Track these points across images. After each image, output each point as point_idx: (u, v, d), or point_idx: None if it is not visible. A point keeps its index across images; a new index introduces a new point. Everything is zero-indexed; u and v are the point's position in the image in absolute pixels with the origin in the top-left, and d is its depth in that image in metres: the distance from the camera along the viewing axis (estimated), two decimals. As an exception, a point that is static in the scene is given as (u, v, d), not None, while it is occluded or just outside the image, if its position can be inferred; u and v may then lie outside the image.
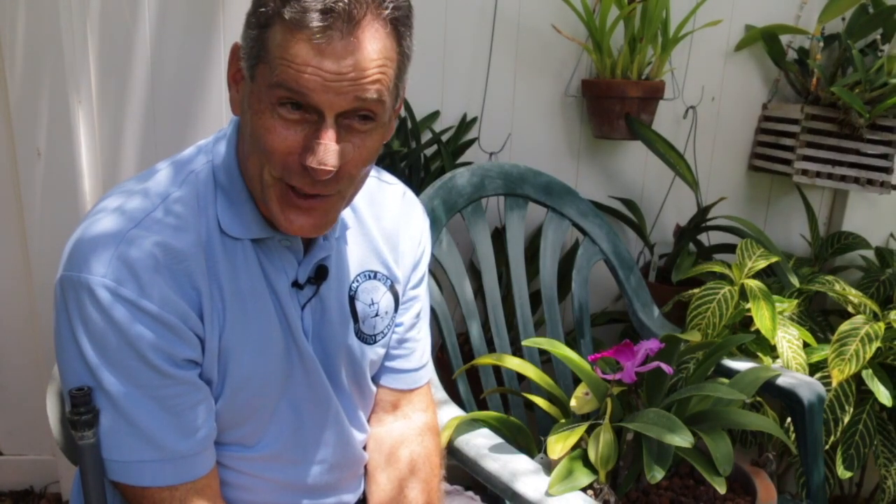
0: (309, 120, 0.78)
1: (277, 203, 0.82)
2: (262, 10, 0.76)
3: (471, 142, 1.78)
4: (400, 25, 0.78)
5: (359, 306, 0.98)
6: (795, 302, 1.60)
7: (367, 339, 1.00)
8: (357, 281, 0.99)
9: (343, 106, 0.76)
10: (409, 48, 0.82)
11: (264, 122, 0.78)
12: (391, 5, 0.76)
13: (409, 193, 1.09)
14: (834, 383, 1.48)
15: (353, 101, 0.76)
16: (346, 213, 0.98)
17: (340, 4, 0.73)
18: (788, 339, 1.47)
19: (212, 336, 0.85)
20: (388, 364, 1.06)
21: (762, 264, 1.51)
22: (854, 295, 1.61)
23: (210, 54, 1.69)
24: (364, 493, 1.07)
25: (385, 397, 1.07)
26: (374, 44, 0.76)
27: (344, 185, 0.83)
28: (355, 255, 0.99)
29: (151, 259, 0.80)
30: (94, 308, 0.78)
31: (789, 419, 1.49)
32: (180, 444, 0.83)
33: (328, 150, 0.77)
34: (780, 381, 1.37)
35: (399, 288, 1.04)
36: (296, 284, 0.91)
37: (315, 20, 0.73)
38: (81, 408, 0.79)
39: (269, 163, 0.80)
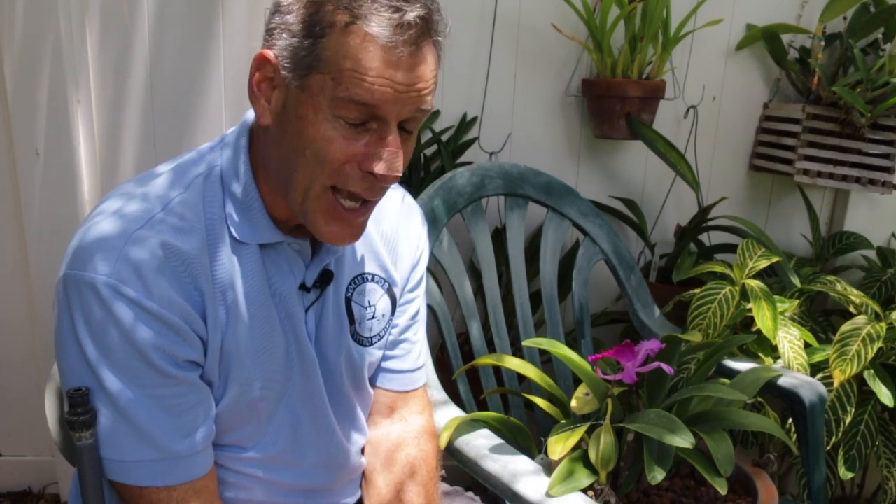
0: (369, 129, 0.79)
1: (323, 215, 0.83)
2: (321, 19, 0.76)
3: (471, 141, 1.78)
4: (441, 51, 0.84)
5: (355, 308, 0.98)
6: (797, 302, 1.60)
7: (364, 340, 1.00)
8: (354, 283, 0.98)
9: (404, 115, 0.80)
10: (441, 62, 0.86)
11: (323, 133, 0.78)
12: (444, 26, 0.82)
13: (409, 197, 1.09)
14: (835, 384, 1.47)
15: (413, 111, 0.80)
16: None
17: (416, 19, 0.76)
18: (790, 340, 1.47)
19: (214, 338, 0.85)
20: (384, 365, 1.06)
21: (763, 264, 1.50)
22: (855, 295, 1.60)
23: (209, 54, 1.69)
24: (362, 497, 1.06)
25: (381, 399, 1.07)
26: (431, 58, 0.81)
27: (386, 191, 0.86)
28: (353, 258, 0.99)
29: (155, 259, 0.80)
30: (98, 306, 0.78)
31: (790, 420, 1.49)
32: (179, 444, 0.83)
33: (398, 157, 0.80)
34: (782, 381, 1.37)
35: (396, 291, 1.04)
36: (303, 287, 0.91)
37: (392, 34, 0.75)
38: (79, 408, 0.79)
39: (325, 172, 0.80)
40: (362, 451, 1.06)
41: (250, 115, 0.90)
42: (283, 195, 0.85)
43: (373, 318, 1.00)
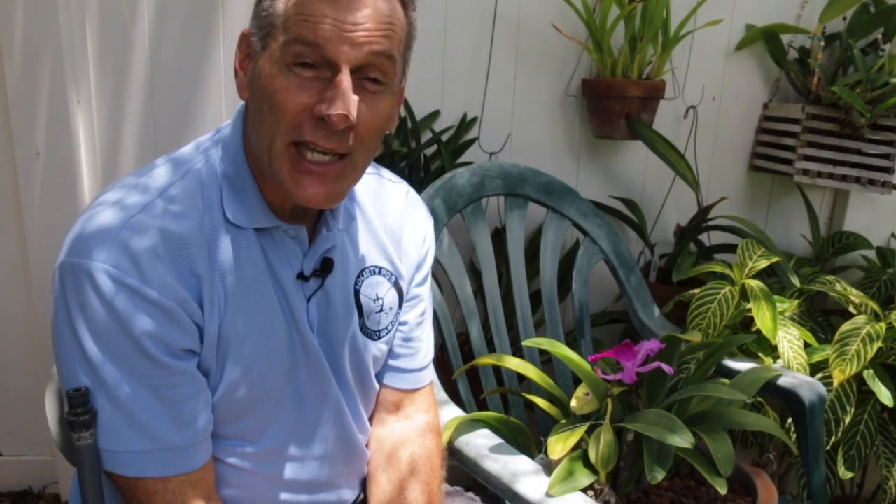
0: (323, 77, 0.79)
1: (289, 171, 0.82)
2: None
3: (471, 141, 1.78)
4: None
5: (363, 301, 0.98)
6: (796, 302, 1.60)
7: (372, 334, 1.00)
8: (362, 276, 0.99)
9: (358, 59, 0.79)
10: (414, 24, 0.86)
11: (278, 84, 0.79)
12: None
13: (413, 192, 1.10)
14: (835, 384, 1.47)
15: (367, 55, 0.79)
16: (351, 207, 0.98)
17: None
18: (789, 340, 1.47)
19: (211, 324, 0.84)
20: (392, 363, 1.06)
21: (763, 264, 1.51)
22: (855, 295, 1.60)
23: (209, 54, 1.69)
24: (364, 493, 1.06)
25: (388, 397, 1.07)
26: (384, 3, 0.80)
27: (356, 148, 0.83)
28: (360, 250, 0.99)
29: (152, 245, 0.80)
30: (94, 294, 0.78)
31: (790, 420, 1.49)
32: (175, 435, 0.83)
33: (345, 97, 0.78)
34: (781, 381, 1.37)
35: (403, 284, 1.04)
36: (301, 276, 0.91)
37: None
38: (79, 409, 0.79)
39: (282, 126, 0.80)
40: (365, 444, 1.06)
41: (243, 103, 0.91)
42: (266, 168, 0.85)
43: (381, 311, 1.00)
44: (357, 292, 0.98)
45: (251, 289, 0.87)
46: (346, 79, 0.78)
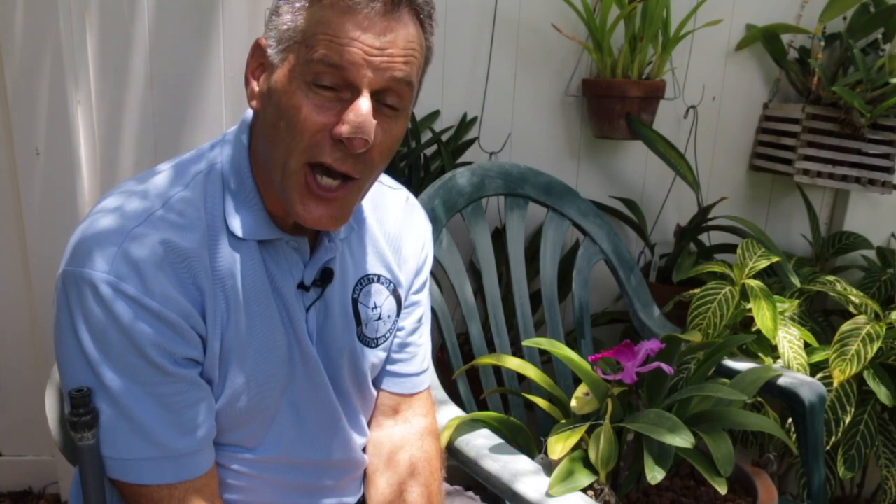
0: (342, 98, 0.79)
1: (298, 192, 0.82)
2: None
3: (471, 141, 1.78)
4: (427, 20, 0.83)
5: (361, 309, 0.98)
6: (796, 302, 1.60)
7: (370, 342, 1.00)
8: (360, 284, 0.98)
9: (378, 84, 0.79)
10: (432, 47, 0.86)
11: (296, 101, 0.79)
12: (426, 1, 0.82)
13: (412, 198, 1.09)
14: (835, 384, 1.47)
15: (388, 80, 0.79)
16: (352, 217, 0.97)
17: None
18: (789, 340, 1.47)
19: (213, 336, 0.84)
20: (389, 368, 1.06)
21: (763, 264, 1.50)
22: (855, 295, 1.60)
23: (209, 54, 1.69)
24: (363, 496, 1.06)
25: (386, 402, 1.07)
26: (409, 27, 0.80)
27: (365, 172, 0.83)
28: (359, 259, 0.99)
29: (155, 256, 0.80)
30: (96, 303, 0.78)
31: (790, 420, 1.49)
32: (179, 442, 0.83)
33: (366, 121, 0.78)
34: (781, 381, 1.37)
35: (401, 292, 1.03)
36: (301, 286, 0.91)
37: None
38: (81, 409, 0.79)
39: (300, 144, 0.80)
40: (363, 450, 1.06)
41: (249, 113, 0.90)
42: (272, 182, 0.85)
43: (378, 319, 1.00)
44: (355, 301, 0.98)
45: (252, 300, 0.87)
46: (367, 102, 0.78)
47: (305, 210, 0.83)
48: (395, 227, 1.04)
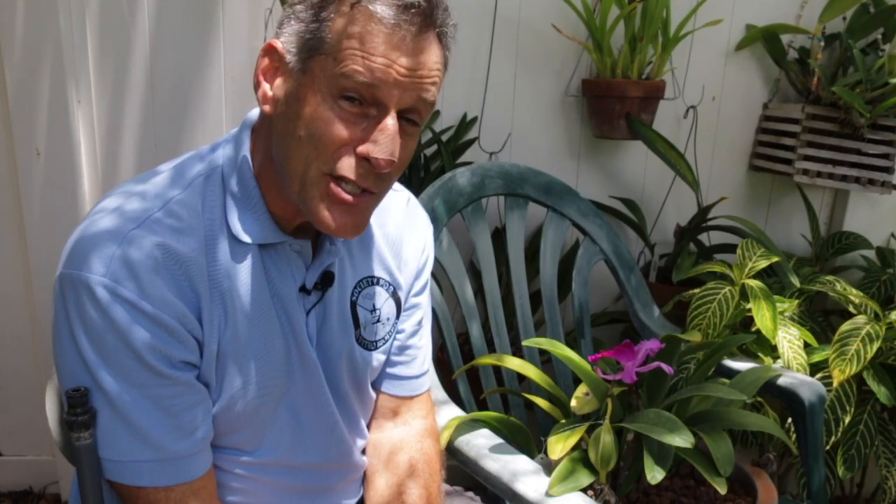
0: (368, 114, 0.79)
1: (322, 200, 0.81)
2: (328, 3, 0.78)
3: (471, 142, 1.78)
4: (449, 41, 0.83)
5: (360, 312, 0.98)
6: (796, 302, 1.60)
7: (368, 345, 1.00)
8: (359, 287, 0.98)
9: (406, 104, 0.79)
10: (448, 63, 0.86)
11: (321, 114, 0.78)
12: (450, 20, 0.82)
13: (414, 200, 1.09)
14: (835, 383, 1.48)
15: (415, 100, 0.79)
16: None
17: (419, 1, 0.76)
18: (789, 340, 1.47)
19: (210, 339, 0.84)
20: (389, 371, 1.06)
21: (763, 264, 1.51)
22: (855, 295, 1.60)
23: (209, 53, 1.69)
24: (362, 498, 1.06)
25: (385, 404, 1.07)
26: (436, 48, 0.81)
27: (384, 186, 0.84)
28: (358, 261, 0.98)
29: (151, 260, 0.79)
30: (93, 307, 0.78)
31: (790, 419, 1.49)
32: (177, 444, 0.83)
33: (394, 142, 0.78)
34: (781, 381, 1.37)
35: (401, 295, 1.03)
36: (303, 289, 0.91)
37: (396, 15, 0.76)
38: (78, 409, 0.79)
39: (321, 156, 0.79)
40: (363, 451, 1.06)
41: (251, 114, 0.89)
42: (284, 189, 0.85)
43: (378, 321, 1.00)
44: (354, 304, 0.97)
45: (250, 304, 0.87)
46: (393, 122, 0.78)
47: (332, 219, 0.82)
48: (396, 229, 1.03)
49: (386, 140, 0.78)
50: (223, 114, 1.73)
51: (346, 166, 0.79)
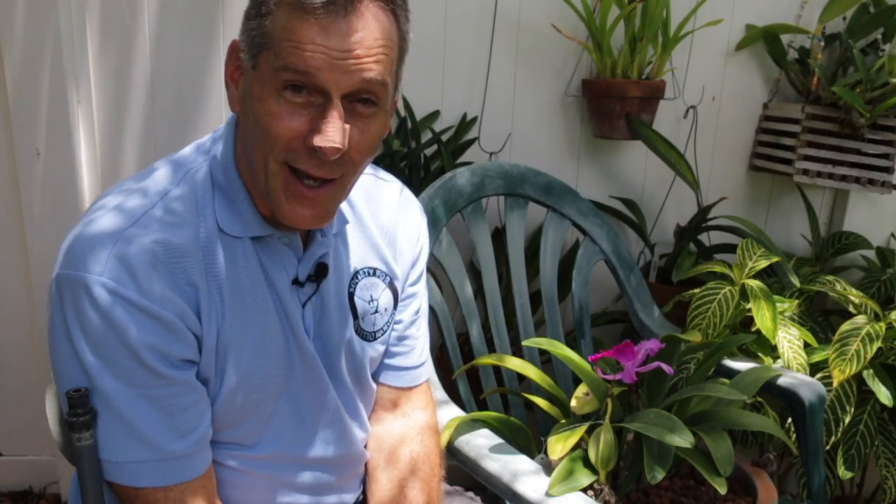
0: (314, 103, 0.78)
1: (282, 193, 0.82)
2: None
3: (471, 142, 1.78)
4: (398, 9, 0.81)
5: (358, 303, 0.98)
6: (796, 302, 1.60)
7: (367, 335, 1.00)
8: (356, 278, 0.99)
9: (349, 86, 0.78)
10: (408, 34, 0.84)
11: (269, 108, 0.78)
12: None
13: (406, 191, 1.09)
14: (835, 383, 1.48)
15: (359, 82, 0.78)
16: (345, 209, 0.98)
17: None
18: (789, 340, 1.47)
19: (209, 333, 0.84)
20: (387, 361, 1.06)
21: (763, 264, 1.51)
22: (855, 295, 1.60)
23: (210, 54, 1.69)
24: (364, 493, 1.07)
25: (385, 395, 1.07)
26: (376, 24, 0.78)
27: (347, 171, 0.83)
28: (354, 252, 0.99)
29: (148, 256, 0.80)
30: (91, 307, 0.77)
31: (790, 419, 1.49)
32: (175, 444, 0.83)
33: (336, 129, 0.78)
34: (781, 381, 1.37)
35: (398, 285, 1.04)
36: (296, 282, 0.91)
37: (319, 1, 0.75)
38: (78, 409, 0.79)
39: (274, 149, 0.80)
40: (365, 445, 1.06)
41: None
42: (258, 182, 0.85)
43: (375, 312, 1.00)
44: (351, 295, 0.98)
45: (248, 297, 0.87)
46: (336, 109, 0.78)
47: (291, 211, 0.83)
48: (390, 219, 1.04)
49: (329, 128, 0.77)
50: (223, 114, 1.73)
51: (299, 158, 0.80)
